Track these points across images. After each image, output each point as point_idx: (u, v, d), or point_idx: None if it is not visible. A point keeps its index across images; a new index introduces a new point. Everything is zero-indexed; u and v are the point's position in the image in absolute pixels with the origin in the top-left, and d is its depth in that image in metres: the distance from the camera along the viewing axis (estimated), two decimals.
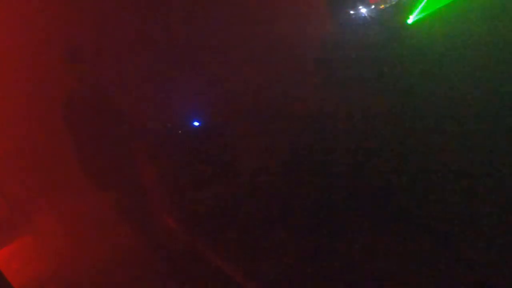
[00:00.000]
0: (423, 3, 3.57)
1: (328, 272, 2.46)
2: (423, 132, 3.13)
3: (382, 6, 3.65)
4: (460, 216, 2.32)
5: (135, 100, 3.82)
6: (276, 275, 2.62)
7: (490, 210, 2.25)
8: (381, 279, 2.23)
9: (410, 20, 3.64)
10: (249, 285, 2.70)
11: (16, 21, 3.57)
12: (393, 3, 3.64)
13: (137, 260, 3.48)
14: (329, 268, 2.48)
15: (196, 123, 4.01)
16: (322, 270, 2.49)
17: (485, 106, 2.96)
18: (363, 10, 3.60)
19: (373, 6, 3.61)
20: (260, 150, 3.96)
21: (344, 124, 3.63)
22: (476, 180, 2.50)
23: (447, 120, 3.09)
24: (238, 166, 4.04)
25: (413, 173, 2.84)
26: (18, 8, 3.58)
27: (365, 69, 3.60)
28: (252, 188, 3.76)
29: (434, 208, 2.49)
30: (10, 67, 3.60)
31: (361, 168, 3.18)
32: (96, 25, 3.77)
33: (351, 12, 3.66)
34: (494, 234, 2.10)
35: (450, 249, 2.17)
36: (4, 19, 3.54)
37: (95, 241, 3.80)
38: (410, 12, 3.63)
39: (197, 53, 4.09)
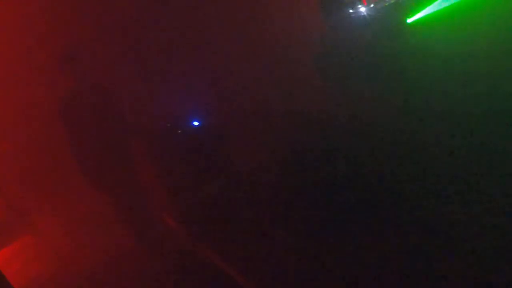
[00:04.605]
0: (423, 3, 3.56)
1: (328, 272, 2.46)
2: (423, 131, 3.13)
3: (381, 6, 3.64)
4: (460, 216, 2.32)
5: (135, 100, 3.82)
6: (276, 275, 2.62)
7: (491, 210, 2.25)
8: (381, 278, 2.23)
9: (410, 20, 3.64)
10: (249, 285, 2.70)
11: (15, 21, 3.57)
12: (392, 2, 3.63)
13: (137, 261, 3.48)
14: (329, 268, 2.48)
15: (196, 123, 4.01)
16: (322, 270, 2.49)
17: (487, 106, 2.95)
18: (362, 10, 3.59)
19: (372, 6, 3.61)
20: (260, 150, 3.96)
21: (343, 123, 3.63)
22: (477, 180, 2.50)
23: (448, 119, 3.09)
24: (238, 166, 4.04)
25: (413, 173, 2.84)
26: (17, 8, 3.58)
27: (364, 68, 3.59)
28: (252, 188, 3.76)
29: (435, 207, 2.49)
30: (10, 67, 3.60)
31: (361, 168, 3.18)
32: (96, 24, 3.77)
33: (350, 11, 3.65)
34: (495, 234, 2.10)
35: (451, 248, 2.17)
36: (4, 19, 3.54)
37: (95, 241, 3.80)
38: (410, 12, 3.62)
39: (197, 53, 4.09)
